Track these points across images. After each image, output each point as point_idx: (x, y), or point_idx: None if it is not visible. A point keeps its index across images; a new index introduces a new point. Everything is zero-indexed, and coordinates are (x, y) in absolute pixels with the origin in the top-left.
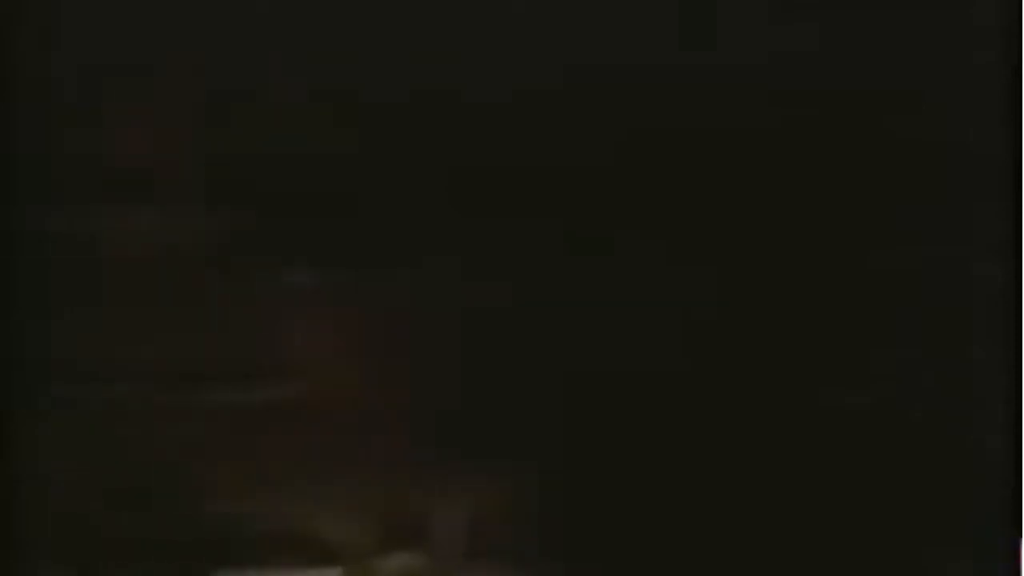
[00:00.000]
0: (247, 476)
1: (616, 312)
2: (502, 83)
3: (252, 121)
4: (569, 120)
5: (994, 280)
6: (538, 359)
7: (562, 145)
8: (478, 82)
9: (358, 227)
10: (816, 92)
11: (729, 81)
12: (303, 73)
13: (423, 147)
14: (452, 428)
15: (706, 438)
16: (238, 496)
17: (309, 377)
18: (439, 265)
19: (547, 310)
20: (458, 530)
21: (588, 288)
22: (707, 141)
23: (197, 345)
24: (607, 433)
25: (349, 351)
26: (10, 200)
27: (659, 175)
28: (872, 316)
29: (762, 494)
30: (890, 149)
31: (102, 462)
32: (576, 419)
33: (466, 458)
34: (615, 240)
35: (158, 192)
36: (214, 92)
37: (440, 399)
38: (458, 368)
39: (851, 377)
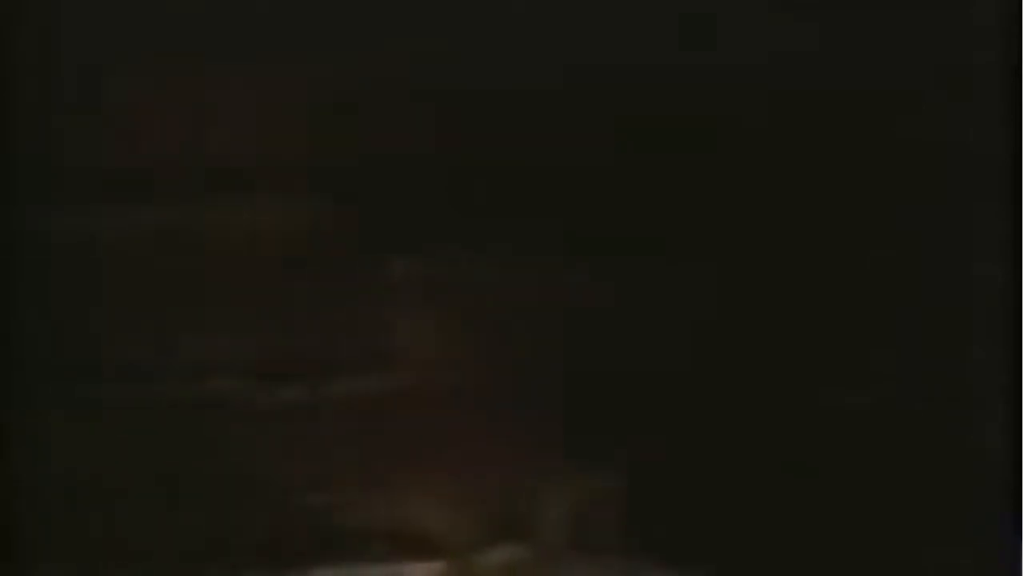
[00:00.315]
0: (348, 469)
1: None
2: (603, 75)
3: (353, 111)
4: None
5: (994, 280)
6: (645, 348)
7: (665, 140)
8: (579, 76)
9: (466, 216)
10: (816, 92)
11: (729, 81)
12: (405, 65)
13: (528, 139)
14: (557, 418)
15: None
16: (340, 489)
17: (413, 368)
18: (546, 254)
19: (651, 299)
20: (563, 522)
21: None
22: (707, 140)
23: (300, 338)
24: (711, 427)
25: (454, 341)
26: (115, 195)
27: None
28: (872, 316)
29: (762, 494)
30: (890, 149)
31: (204, 457)
32: (681, 410)
33: (572, 449)
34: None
35: (260, 184)
36: (316, 83)
37: (544, 389)
38: (563, 358)
39: (851, 377)
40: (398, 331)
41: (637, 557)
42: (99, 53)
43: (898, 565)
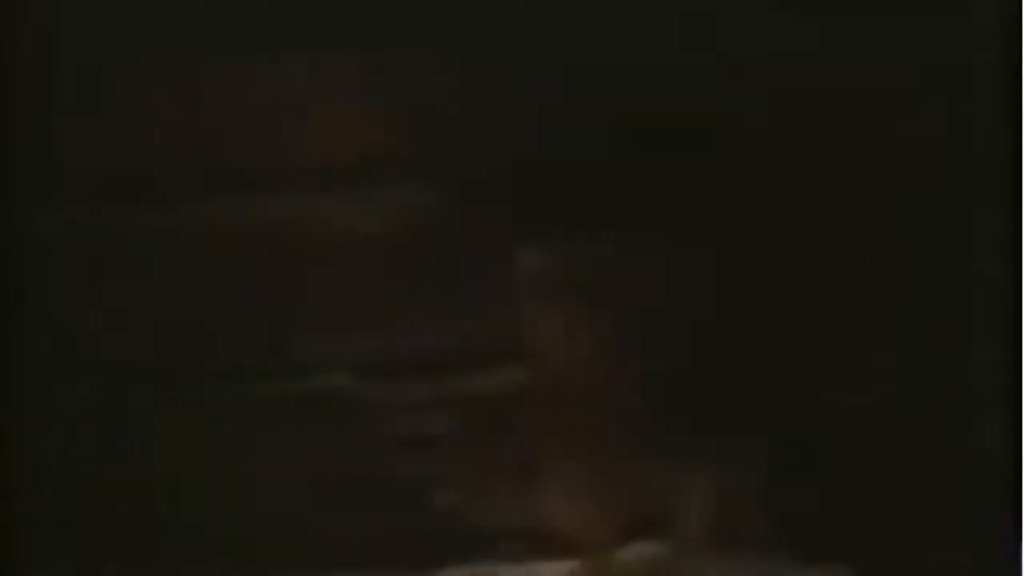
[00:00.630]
0: (479, 466)
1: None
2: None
3: (484, 100)
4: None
5: (994, 280)
6: (782, 337)
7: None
8: (725, 63)
9: (598, 203)
10: (816, 92)
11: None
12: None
13: (664, 125)
14: (694, 411)
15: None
16: (470, 487)
17: (542, 362)
18: (677, 243)
19: (791, 284)
20: (701, 518)
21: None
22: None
23: (430, 330)
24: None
25: (584, 334)
26: (236, 189)
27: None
28: (872, 316)
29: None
30: (890, 149)
31: (330, 457)
32: (822, 401)
33: (709, 443)
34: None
35: (388, 173)
36: (446, 70)
37: (681, 382)
38: (698, 350)
39: (851, 377)
40: (526, 324)
41: (777, 554)
42: (99, 53)
43: (898, 565)
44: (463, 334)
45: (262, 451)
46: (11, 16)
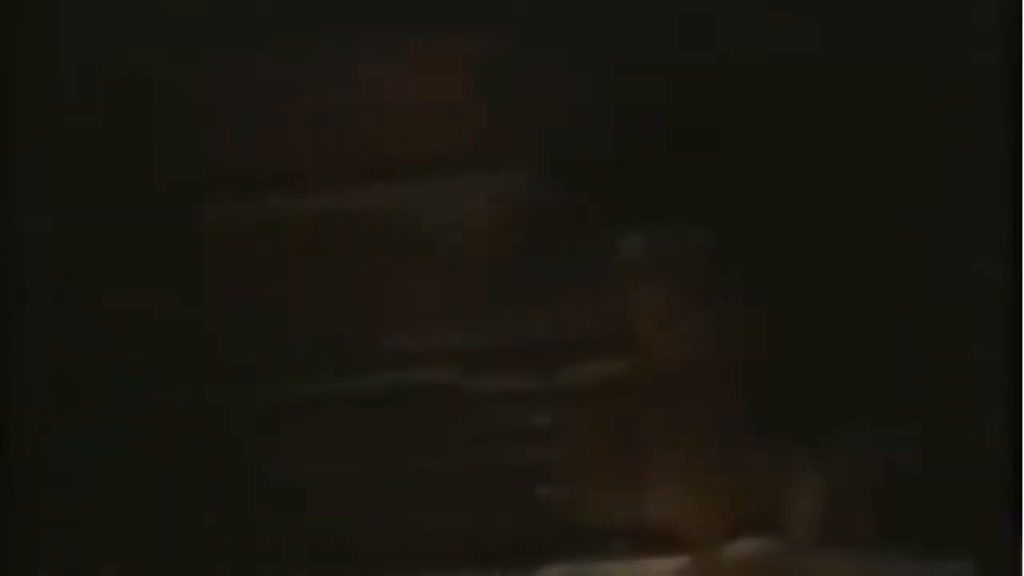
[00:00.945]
0: (582, 460)
1: None
2: None
3: (586, 87)
4: None
5: (994, 280)
6: (891, 328)
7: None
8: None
9: (701, 190)
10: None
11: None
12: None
13: (766, 112)
14: (806, 405)
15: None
16: (575, 481)
17: (649, 352)
18: (782, 229)
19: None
20: (810, 513)
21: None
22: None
23: (533, 320)
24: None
25: (693, 323)
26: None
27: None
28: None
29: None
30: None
31: (431, 449)
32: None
33: (820, 435)
34: None
35: (490, 161)
36: (549, 59)
37: (791, 374)
38: (811, 342)
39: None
40: (631, 313)
41: (890, 549)
42: (99, 53)
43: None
44: (567, 324)
45: (359, 449)
46: (11, 16)
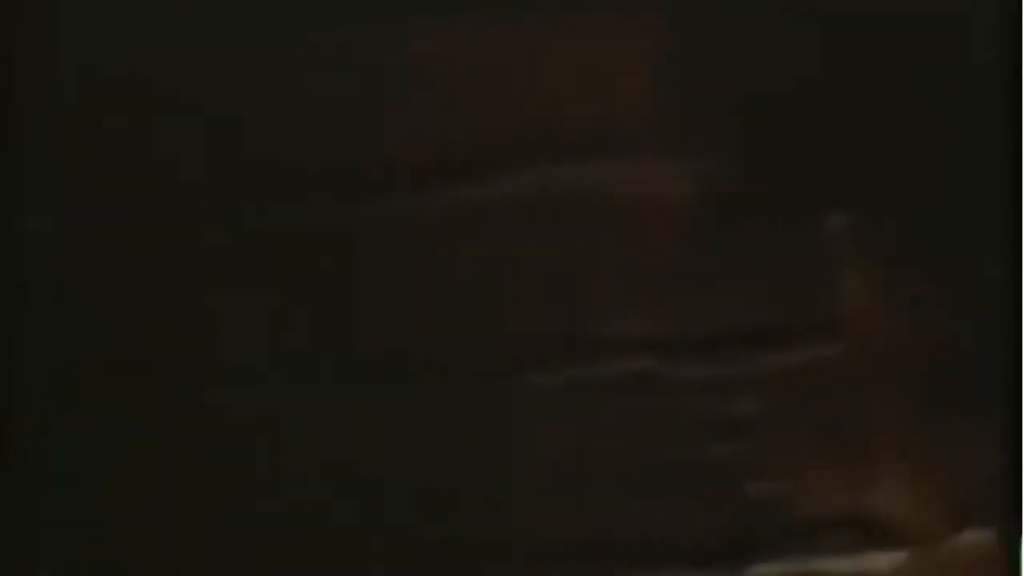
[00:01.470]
0: (795, 450)
1: None
2: None
3: (792, 68)
4: None
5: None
6: None
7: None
8: None
9: (900, 165)
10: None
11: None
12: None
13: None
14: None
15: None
16: (786, 473)
17: (854, 336)
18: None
19: None
20: None
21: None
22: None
23: (737, 304)
24: None
25: (903, 303)
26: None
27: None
28: None
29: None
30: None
31: (632, 441)
32: None
33: None
34: None
35: (692, 143)
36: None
37: (1002, 354)
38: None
39: None
40: (840, 295)
41: None
42: (99, 53)
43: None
44: (773, 307)
45: (556, 441)
46: (11, 16)
